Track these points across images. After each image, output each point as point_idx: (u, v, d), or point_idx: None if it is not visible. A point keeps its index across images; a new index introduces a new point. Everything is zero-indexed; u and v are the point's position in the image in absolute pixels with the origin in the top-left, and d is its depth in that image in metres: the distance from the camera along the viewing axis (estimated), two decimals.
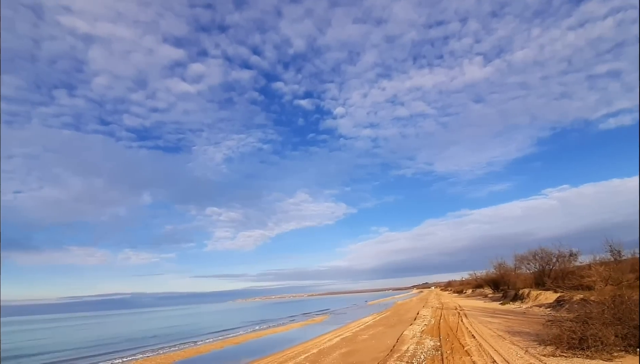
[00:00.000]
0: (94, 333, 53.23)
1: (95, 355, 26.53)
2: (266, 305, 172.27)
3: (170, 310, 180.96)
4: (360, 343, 19.56)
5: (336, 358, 15.56)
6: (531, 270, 41.34)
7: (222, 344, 27.98)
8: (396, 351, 15.37)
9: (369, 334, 23.54)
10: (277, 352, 21.05)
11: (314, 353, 17.68)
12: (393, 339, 19.38)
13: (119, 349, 29.41)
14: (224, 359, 20.97)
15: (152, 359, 22.29)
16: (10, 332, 70.08)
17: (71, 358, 26.09)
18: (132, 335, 43.19)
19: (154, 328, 54.61)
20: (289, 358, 17.43)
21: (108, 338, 42.07)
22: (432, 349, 14.87)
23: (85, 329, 65.59)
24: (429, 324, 25.03)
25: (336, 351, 17.45)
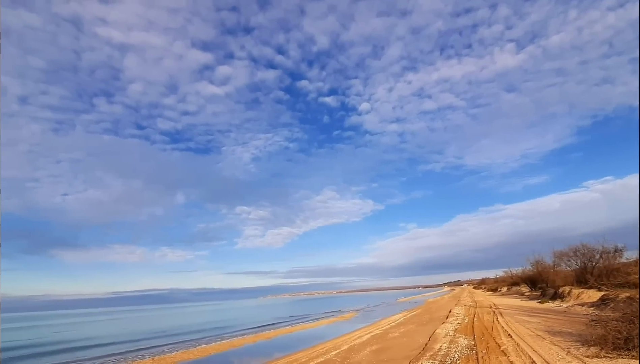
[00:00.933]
0: (140, 326, 56.40)
1: (141, 348, 28.13)
2: (295, 302, 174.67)
3: (205, 305, 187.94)
4: (391, 341, 19.45)
5: (367, 355, 15.59)
6: (572, 267, 39.20)
7: (255, 338, 28.77)
8: (429, 350, 15.17)
9: (399, 332, 23.34)
10: (308, 348, 21.37)
11: (344, 350, 17.80)
12: (425, 337, 19.11)
13: (162, 343, 31.02)
14: (257, 354, 21.57)
15: (190, 351, 23.35)
16: (62, 324, 75.75)
17: (123, 350, 27.82)
18: (171, 329, 45.35)
19: (191, 322, 57.02)
20: (319, 353, 17.66)
21: (151, 331, 44.43)
22: (467, 348, 14.54)
23: (131, 322, 69.57)
24: (462, 322, 24.41)
25: (367, 348, 17.47)
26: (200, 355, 22.19)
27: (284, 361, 17.09)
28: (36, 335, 47.66)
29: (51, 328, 62.38)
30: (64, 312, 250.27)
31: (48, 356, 25.67)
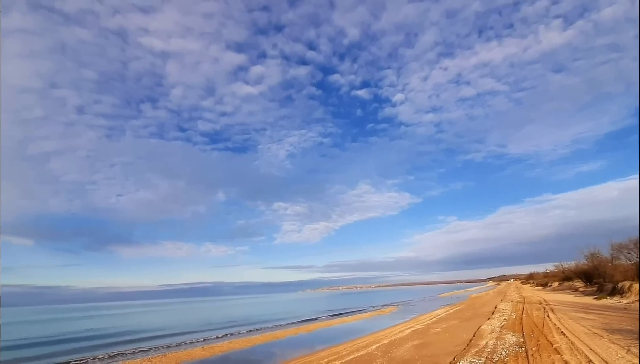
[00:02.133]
0: (190, 317, 60.06)
1: (193, 338, 30.03)
2: (334, 296, 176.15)
3: (247, 298, 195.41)
4: (433, 336, 19.15)
5: (408, 350, 15.52)
6: (632, 260, 35.96)
7: (296, 331, 29.58)
8: (473, 346, 14.79)
9: (442, 327, 22.88)
10: (349, 341, 21.63)
11: (385, 344, 17.83)
12: (469, 333, 18.61)
13: (210, 333, 32.88)
14: (299, 345, 22.20)
15: (236, 341, 24.56)
16: (123, 315, 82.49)
17: (178, 339, 29.90)
18: (218, 320, 47.80)
19: (235, 314, 59.68)
20: (360, 347, 17.84)
21: (200, 321, 47.15)
22: (515, 346, 13.99)
23: (182, 314, 74.22)
24: (510, 319, 23.40)
25: (408, 343, 17.37)
26: (245, 345, 23.27)
27: (325, 353, 17.47)
28: (103, 324, 52.42)
29: (114, 318, 68.21)
30: (122, 303, 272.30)
31: (113, 345, 28.20)
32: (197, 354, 20.47)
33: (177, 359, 19.16)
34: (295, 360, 16.68)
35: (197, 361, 18.95)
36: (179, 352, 21.39)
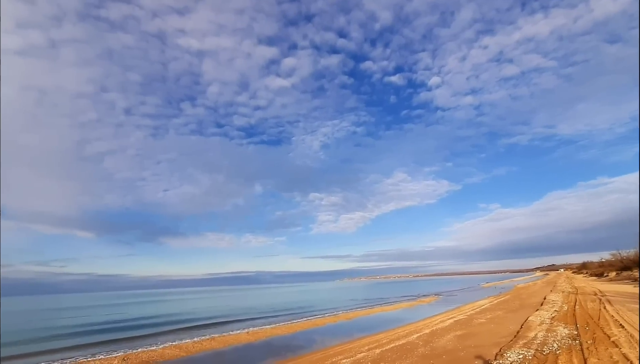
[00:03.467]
0: (234, 303, 63.18)
1: (238, 323, 31.63)
2: (372, 285, 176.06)
3: (286, 287, 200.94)
4: (477, 327, 18.65)
5: (451, 340, 15.27)
6: None
7: (336, 319, 30.09)
8: (521, 338, 14.23)
9: (486, 318, 22.18)
10: (388, 330, 21.68)
11: (426, 333, 17.67)
12: (516, 324, 17.90)
13: (254, 319, 34.42)
14: (338, 333, 22.63)
15: (279, 327, 25.52)
16: (174, 301, 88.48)
17: (224, 323, 31.69)
18: (261, 307, 49.85)
19: (276, 302, 61.80)
20: (400, 336, 17.83)
21: (244, 308, 49.43)
22: (568, 338, 13.28)
23: (227, 300, 78.26)
24: (561, 310, 22.14)
25: (450, 333, 17.08)
26: (287, 331, 24.13)
27: (364, 341, 17.68)
28: (159, 310, 56.78)
29: (167, 304, 73.49)
30: (172, 290, 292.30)
31: (169, 328, 30.46)
32: (243, 339, 21.57)
33: (224, 343, 20.33)
34: (335, 347, 17.06)
35: (243, 344, 19.99)
36: (226, 336, 22.66)
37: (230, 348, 19.14)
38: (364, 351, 14.58)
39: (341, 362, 12.77)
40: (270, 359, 15.74)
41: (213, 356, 17.30)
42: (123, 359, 16.52)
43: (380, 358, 12.68)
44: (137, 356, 17.18)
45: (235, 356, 17.24)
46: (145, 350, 18.83)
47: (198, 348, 18.98)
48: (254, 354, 17.43)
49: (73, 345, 22.23)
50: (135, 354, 17.44)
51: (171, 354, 17.69)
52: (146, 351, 18.28)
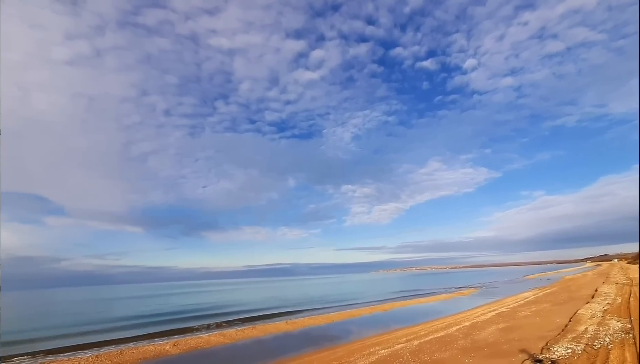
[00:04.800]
0: (272, 294, 65.30)
1: (276, 313, 32.75)
2: (407, 277, 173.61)
3: (321, 278, 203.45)
4: (521, 320, 17.97)
5: (493, 333, 14.88)
6: None
7: (372, 310, 30.20)
8: (570, 331, 13.57)
9: (530, 310, 21.28)
10: (426, 322, 21.47)
11: (466, 326, 17.32)
12: (564, 317, 17.04)
13: (291, 309, 35.43)
14: (375, 324, 22.74)
15: (315, 318, 26.11)
16: (217, 291, 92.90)
17: (263, 314, 32.98)
18: (297, 298, 51.11)
19: (312, 293, 62.98)
20: (439, 328, 17.62)
21: (281, 298, 51.00)
22: (621, 332, 12.48)
23: (265, 291, 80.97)
24: (614, 303, 20.72)
25: (492, 326, 16.62)
26: (324, 321, 24.63)
27: (402, 333, 17.67)
28: (204, 299, 60.04)
29: (211, 294, 77.43)
30: (214, 281, 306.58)
31: (214, 316, 32.19)
32: (282, 328, 22.34)
33: (265, 331, 21.19)
34: (372, 338, 17.22)
35: (282, 333, 20.73)
36: (267, 325, 23.57)
37: (270, 336, 19.93)
38: (401, 342, 14.62)
39: (379, 352, 12.91)
40: (309, 347, 16.22)
41: (254, 344, 18.12)
42: (174, 344, 17.77)
43: (418, 350, 12.67)
44: (186, 342, 18.40)
45: (275, 344, 17.94)
46: (193, 337, 20.12)
47: (240, 336, 19.94)
48: (293, 342, 18.03)
49: (130, 331, 24.21)
50: (185, 341, 18.68)
51: (216, 341, 18.75)
52: (194, 338, 19.51)
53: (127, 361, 15.09)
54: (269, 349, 16.62)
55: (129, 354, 16.15)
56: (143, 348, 17.30)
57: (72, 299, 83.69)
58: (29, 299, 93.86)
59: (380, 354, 12.48)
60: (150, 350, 16.84)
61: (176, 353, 16.40)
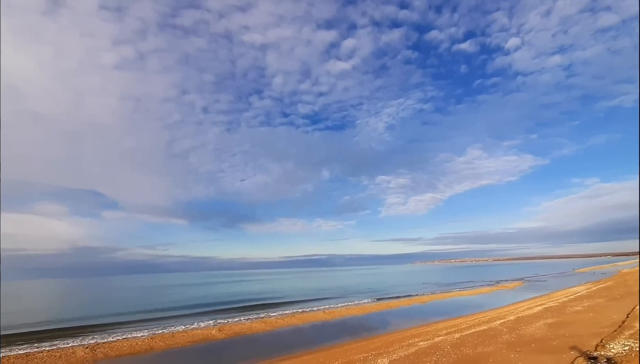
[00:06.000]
0: (310, 284, 66.70)
1: (313, 302, 33.48)
2: (446, 269, 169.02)
3: (358, 270, 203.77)
4: (572, 315, 16.95)
5: (541, 328, 14.20)
6: None
7: (410, 302, 29.89)
8: (627, 328, 12.61)
9: (582, 306, 19.98)
10: (467, 315, 20.92)
11: (511, 320, 16.66)
12: (621, 314, 15.83)
13: (329, 299, 36.03)
14: (412, 316, 22.53)
15: (352, 308, 26.37)
16: (257, 280, 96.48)
17: (301, 302, 33.88)
18: (334, 288, 51.78)
19: (349, 284, 63.41)
20: (481, 321, 17.10)
21: (319, 289, 51.94)
22: None
23: (303, 281, 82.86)
24: None
25: (539, 321, 15.85)
26: (361, 312, 24.81)
27: (441, 325, 17.38)
28: (246, 288, 62.78)
29: (252, 284, 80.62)
30: (254, 271, 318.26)
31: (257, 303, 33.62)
32: (320, 317, 22.83)
33: (303, 320, 21.79)
34: (411, 329, 17.11)
35: (320, 322, 21.19)
36: (305, 314, 24.21)
37: (308, 325, 20.47)
38: (441, 335, 14.40)
39: (418, 344, 12.83)
40: (346, 337, 16.48)
41: (293, 331, 18.72)
42: (219, 330, 18.83)
43: (460, 343, 12.43)
44: (230, 328, 19.41)
45: (313, 332, 18.41)
46: (236, 323, 21.17)
47: (280, 324, 20.67)
48: (330, 331, 18.40)
49: (179, 315, 25.97)
50: (229, 326, 19.72)
51: (258, 328, 19.59)
52: (237, 324, 20.53)
53: (178, 343, 16.25)
54: (307, 337, 17.10)
55: (180, 337, 17.36)
56: (192, 332, 18.51)
57: (127, 286, 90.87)
58: (90, 285, 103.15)
59: (419, 346, 12.40)
60: (198, 334, 17.99)
61: (221, 338, 17.37)
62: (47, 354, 14.12)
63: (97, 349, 14.95)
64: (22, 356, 14.00)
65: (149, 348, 15.49)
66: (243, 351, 14.56)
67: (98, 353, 14.57)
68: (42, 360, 13.46)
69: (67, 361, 13.53)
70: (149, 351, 15.05)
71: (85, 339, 17.71)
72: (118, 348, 15.36)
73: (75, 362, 13.40)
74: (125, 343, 16.07)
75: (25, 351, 15.25)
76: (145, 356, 14.33)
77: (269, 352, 14.04)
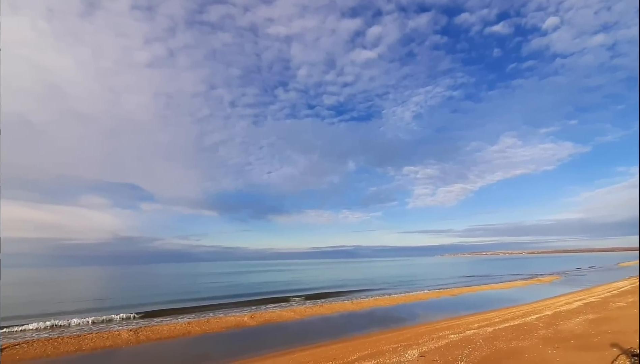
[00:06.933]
0: (338, 275, 67.33)
1: (342, 293, 33.84)
2: (477, 262, 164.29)
3: (385, 261, 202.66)
4: (615, 311, 16.06)
5: (580, 324, 13.59)
6: None
7: (439, 294, 29.47)
8: None
9: (626, 301, 18.86)
10: (500, 309, 20.37)
11: (547, 315, 16.05)
12: None
13: (357, 290, 36.25)
14: (442, 308, 22.22)
15: (381, 299, 26.38)
16: (288, 270, 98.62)
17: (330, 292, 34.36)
18: (363, 279, 51.95)
19: (377, 275, 63.35)
20: (515, 316, 16.61)
21: (347, 279, 52.29)
22: None
23: (331, 272, 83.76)
24: None
25: (579, 317, 15.16)
26: (389, 303, 24.79)
27: (473, 318, 17.04)
28: (275, 277, 64.50)
29: (280, 273, 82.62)
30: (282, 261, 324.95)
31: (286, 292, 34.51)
32: (348, 307, 23.06)
33: (331, 310, 22.10)
34: (441, 322, 16.93)
35: (348, 312, 21.41)
36: (333, 304, 24.53)
37: (336, 315, 20.76)
38: (473, 328, 14.15)
39: (449, 337, 12.70)
40: (374, 327, 16.58)
41: (322, 321, 19.07)
42: (251, 317, 19.54)
43: (493, 337, 12.18)
44: (261, 315, 20.09)
45: (341, 321, 18.66)
46: (267, 311, 21.86)
47: (309, 313, 21.11)
48: (358, 321, 18.56)
49: (213, 304, 27.14)
50: (260, 314, 20.41)
51: (288, 316, 20.13)
52: (268, 312, 21.19)
53: (213, 328, 17.06)
54: (336, 327, 17.36)
55: (214, 323, 18.20)
56: (225, 318, 19.34)
57: (165, 273, 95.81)
58: (132, 273, 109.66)
59: (450, 339, 12.27)
60: (232, 320, 18.76)
61: (253, 325, 18.03)
62: (96, 336, 15.31)
63: (139, 332, 16.01)
64: (74, 336, 15.26)
65: (186, 332, 16.38)
66: (274, 338, 15.07)
67: (141, 335, 15.61)
68: (91, 340, 14.61)
69: (114, 342, 14.61)
70: (186, 335, 15.93)
71: (129, 323, 19.03)
72: (158, 331, 16.36)
73: (120, 343, 14.45)
74: (164, 327, 17.08)
75: (77, 333, 16.61)
76: (183, 339, 15.19)
77: (299, 339, 14.44)
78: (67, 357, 12.68)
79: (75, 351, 13.36)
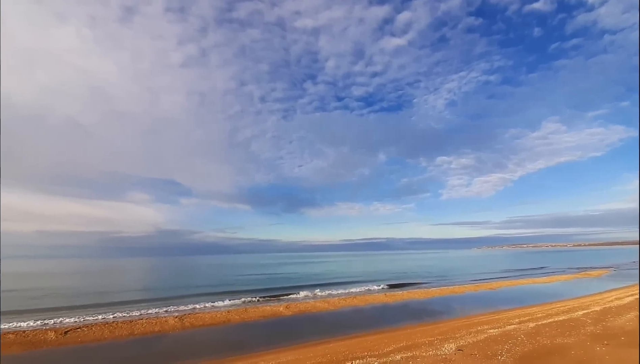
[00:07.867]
0: (370, 267, 67.35)
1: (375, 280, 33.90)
2: (517, 254, 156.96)
3: (419, 254, 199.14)
4: None
5: (632, 320, 12.73)
6: None
7: (477, 287, 28.65)
8: None
9: None
10: (543, 304, 19.52)
11: (596, 311, 15.17)
12: None
13: (391, 282, 36.13)
14: (479, 302, 21.61)
15: (415, 292, 26.11)
16: (319, 262, 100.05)
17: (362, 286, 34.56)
18: (395, 272, 51.58)
19: (410, 267, 62.59)
20: (559, 311, 15.84)
21: (380, 272, 52.21)
22: None
23: (363, 265, 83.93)
24: None
25: (630, 313, 14.20)
26: (424, 296, 24.49)
27: (513, 313, 16.48)
28: (307, 269, 65.79)
29: (313, 265, 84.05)
30: (314, 253, 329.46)
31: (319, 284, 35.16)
32: (381, 299, 23.08)
33: (365, 301, 22.25)
34: (479, 316, 16.54)
35: (381, 304, 21.44)
36: (366, 296, 24.66)
37: (369, 306, 20.86)
38: (513, 323, 13.71)
39: (488, 331, 12.41)
40: (408, 320, 16.51)
41: (355, 312, 19.27)
42: (286, 307, 20.15)
43: (535, 332, 11.75)
44: (296, 306, 20.65)
45: (374, 313, 18.75)
46: (302, 302, 22.43)
47: (343, 304, 21.39)
48: (392, 314, 18.56)
49: (249, 293, 28.24)
50: (295, 305, 20.99)
51: (321, 307, 20.53)
52: (302, 303, 21.74)
53: (251, 317, 17.81)
54: (369, 318, 17.50)
55: (252, 312, 18.99)
56: (262, 308, 20.10)
57: (204, 264, 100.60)
58: (175, 264, 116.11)
59: (489, 333, 12.00)
60: (268, 310, 19.47)
61: (289, 315, 18.61)
62: (146, 322, 16.53)
63: (184, 319, 17.08)
64: (127, 321, 16.59)
65: (226, 320, 17.26)
66: (309, 328, 15.50)
67: (185, 322, 16.65)
68: (142, 326, 15.81)
69: (162, 327, 15.71)
70: (226, 322, 16.78)
71: (175, 310, 20.34)
72: (202, 318, 17.36)
73: (168, 329, 15.52)
74: (207, 315, 18.08)
75: (129, 318, 18.01)
76: (224, 326, 16.04)
77: (333, 330, 14.74)
78: (121, 341, 13.86)
79: (128, 335, 14.55)
